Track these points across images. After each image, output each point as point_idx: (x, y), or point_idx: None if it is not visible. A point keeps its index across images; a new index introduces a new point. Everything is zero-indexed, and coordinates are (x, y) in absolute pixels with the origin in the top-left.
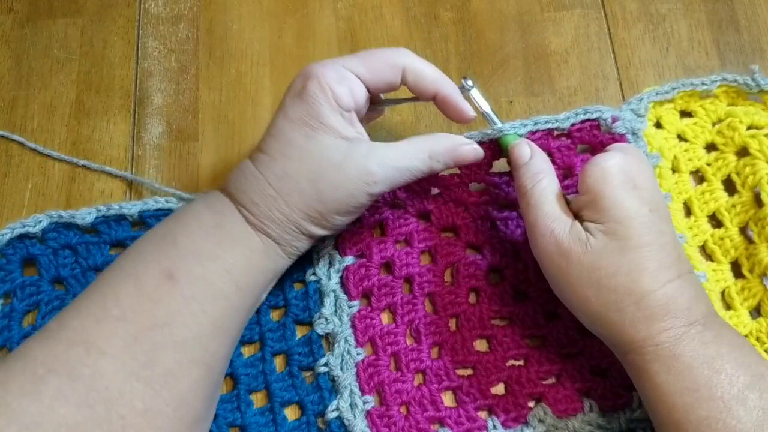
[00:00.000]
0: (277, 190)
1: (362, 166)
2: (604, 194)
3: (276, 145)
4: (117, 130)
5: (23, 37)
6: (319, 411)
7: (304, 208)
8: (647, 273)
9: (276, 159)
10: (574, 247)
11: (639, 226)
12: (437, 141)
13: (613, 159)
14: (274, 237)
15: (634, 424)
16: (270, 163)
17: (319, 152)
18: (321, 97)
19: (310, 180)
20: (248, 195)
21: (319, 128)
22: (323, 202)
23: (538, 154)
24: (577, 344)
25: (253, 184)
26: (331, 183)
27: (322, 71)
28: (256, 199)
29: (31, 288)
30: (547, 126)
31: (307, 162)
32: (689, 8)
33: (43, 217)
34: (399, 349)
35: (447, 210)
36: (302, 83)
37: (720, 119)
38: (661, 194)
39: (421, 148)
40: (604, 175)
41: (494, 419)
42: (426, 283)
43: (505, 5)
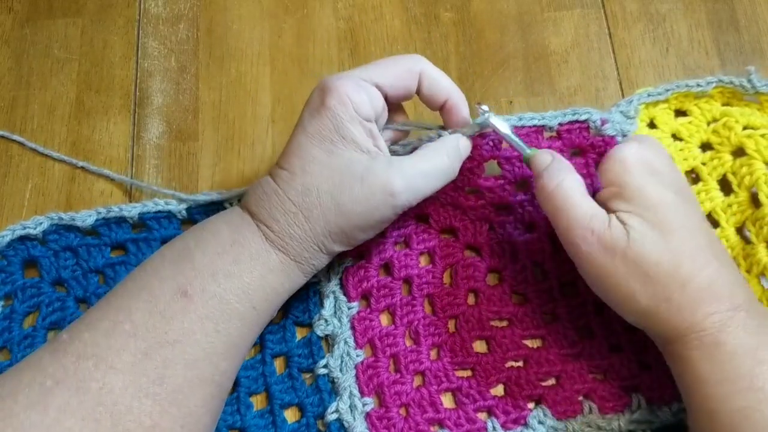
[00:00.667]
0: (297, 205)
1: (384, 177)
2: (628, 184)
3: (296, 161)
4: (117, 130)
5: (23, 37)
6: (319, 413)
7: (325, 224)
8: (686, 257)
9: (296, 174)
10: (618, 242)
11: (667, 210)
12: (446, 141)
13: (629, 149)
14: (292, 255)
15: (634, 425)
16: (291, 179)
17: (340, 167)
18: (340, 109)
19: (331, 195)
20: (268, 211)
21: (339, 142)
22: (346, 217)
23: (558, 159)
24: (576, 346)
25: (273, 200)
26: (353, 197)
27: (340, 83)
28: (277, 216)
29: (32, 290)
30: (533, 123)
31: (329, 177)
32: (689, 8)
33: (43, 218)
34: (398, 351)
35: (445, 212)
36: (320, 98)
37: (715, 119)
38: (683, 178)
39: (436, 149)
40: (624, 166)
41: (494, 421)
42: (425, 284)
43: (505, 5)
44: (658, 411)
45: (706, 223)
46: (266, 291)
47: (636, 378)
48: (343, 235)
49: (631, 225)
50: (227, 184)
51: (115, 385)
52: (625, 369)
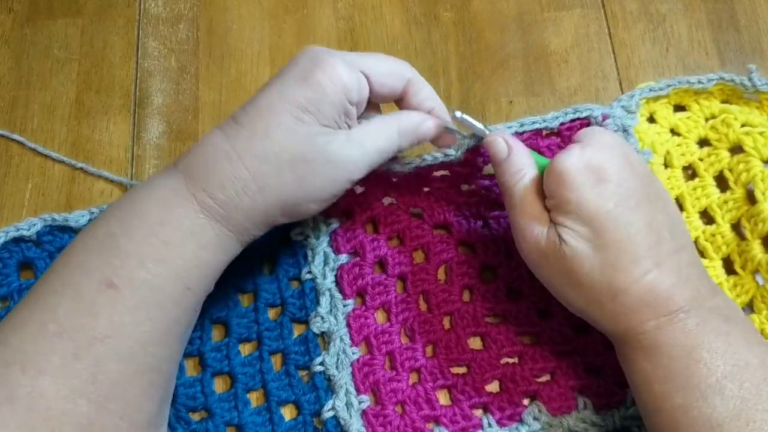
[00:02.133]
0: (252, 172)
1: (345, 152)
2: (564, 197)
3: (260, 123)
4: (117, 130)
5: (23, 37)
6: (316, 410)
7: (279, 196)
8: (620, 270)
9: (257, 137)
10: (550, 251)
11: (604, 224)
12: (404, 118)
13: (569, 159)
14: (232, 226)
15: (629, 421)
16: (249, 142)
17: (306, 138)
18: (329, 87)
19: (291, 164)
20: (214, 177)
21: (315, 114)
22: (304, 190)
23: (517, 150)
24: (571, 342)
25: (222, 165)
26: (314, 170)
27: (334, 60)
28: (224, 182)
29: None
30: (534, 126)
31: (291, 146)
32: (689, 8)
33: (36, 220)
34: (393, 348)
35: (439, 207)
36: (310, 67)
37: (713, 115)
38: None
39: (390, 126)
40: (562, 178)
41: (489, 417)
42: (419, 281)
43: (505, 5)
44: None
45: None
46: (200, 269)
47: None
48: (295, 208)
49: (565, 239)
50: None
51: (45, 390)
52: (619, 365)
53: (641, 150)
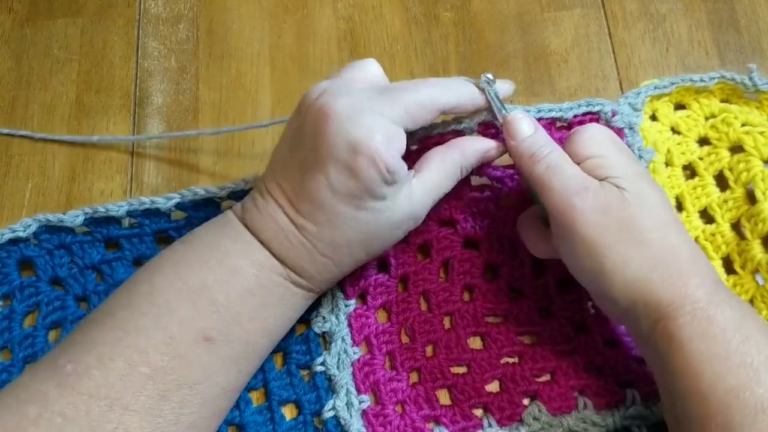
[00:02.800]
0: (328, 257)
1: (408, 213)
2: (607, 155)
3: (322, 216)
4: (117, 130)
5: (23, 37)
6: (316, 410)
7: (353, 265)
8: (671, 228)
9: (324, 229)
10: (613, 201)
11: (645, 183)
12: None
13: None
14: (317, 290)
15: (629, 421)
16: (318, 233)
17: (368, 219)
18: (376, 175)
19: (361, 243)
20: (296, 261)
21: (368, 200)
22: (372, 254)
23: (542, 128)
24: (571, 341)
25: (300, 251)
26: (381, 240)
27: (376, 146)
28: (305, 265)
29: (30, 289)
30: (551, 114)
31: (357, 229)
32: (689, 8)
33: (31, 221)
34: (394, 348)
35: (445, 203)
36: (350, 154)
37: (713, 114)
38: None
39: (453, 167)
40: (597, 140)
41: (489, 417)
42: (421, 281)
43: (505, 5)
44: (653, 407)
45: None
46: (287, 326)
47: (631, 374)
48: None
49: (624, 187)
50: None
51: (130, 426)
52: (620, 365)
53: (645, 148)
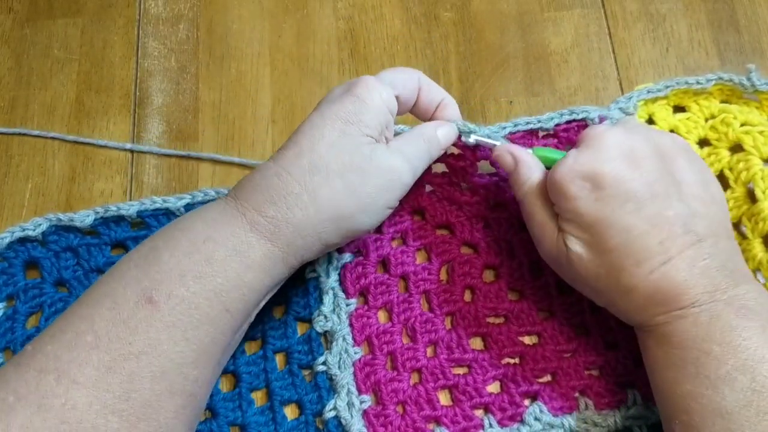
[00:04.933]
0: (303, 185)
1: (390, 159)
2: (562, 207)
3: (305, 140)
4: (117, 130)
5: (23, 37)
6: (317, 410)
7: (331, 205)
8: (624, 271)
9: (304, 152)
10: (561, 257)
11: (603, 230)
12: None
13: (563, 169)
14: (282, 243)
15: (630, 421)
16: (296, 158)
17: (350, 147)
18: (367, 95)
19: (340, 173)
20: (264, 194)
21: (355, 125)
22: (356, 198)
23: (522, 162)
24: (572, 342)
25: (272, 182)
26: (363, 178)
27: (367, 78)
28: (275, 198)
29: (34, 290)
30: (528, 127)
31: (338, 156)
32: (689, 8)
33: (42, 220)
34: (395, 348)
35: (441, 207)
36: (346, 87)
37: (713, 115)
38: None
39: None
40: (557, 188)
41: (490, 417)
42: (421, 281)
43: (505, 5)
44: (654, 407)
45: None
46: (242, 291)
47: (631, 374)
48: (349, 220)
49: (570, 246)
50: (227, 184)
51: (78, 402)
52: (620, 365)
53: None
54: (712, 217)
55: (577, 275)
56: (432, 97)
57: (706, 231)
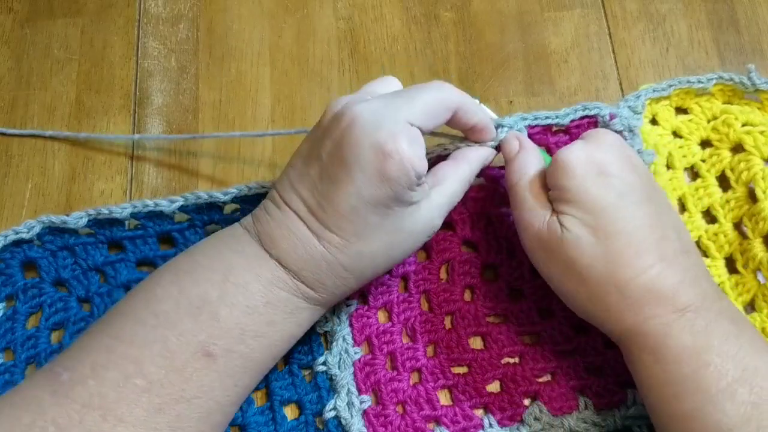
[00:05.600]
0: (350, 271)
1: (428, 222)
2: (566, 185)
3: (350, 227)
4: (117, 130)
5: (23, 37)
6: (317, 410)
7: (372, 277)
8: (623, 262)
9: (351, 242)
10: (552, 240)
11: (606, 214)
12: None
13: (572, 152)
14: (328, 304)
15: (630, 421)
16: (344, 247)
17: (394, 227)
18: (404, 179)
19: (385, 254)
20: (314, 275)
21: (397, 206)
22: (393, 259)
23: (525, 149)
24: (572, 341)
25: (321, 266)
26: (404, 248)
27: (400, 147)
28: (325, 280)
29: (33, 290)
30: (547, 122)
31: (383, 239)
32: (689, 8)
33: (35, 222)
34: (395, 348)
35: None
36: (379, 161)
37: (715, 116)
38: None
39: (465, 177)
40: (565, 167)
41: (490, 417)
42: (421, 281)
43: (505, 5)
44: None
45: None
46: (291, 342)
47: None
48: None
49: (567, 227)
50: (227, 185)
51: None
52: (620, 365)
53: (645, 150)
54: (689, 236)
55: (568, 262)
56: (466, 122)
57: (690, 245)
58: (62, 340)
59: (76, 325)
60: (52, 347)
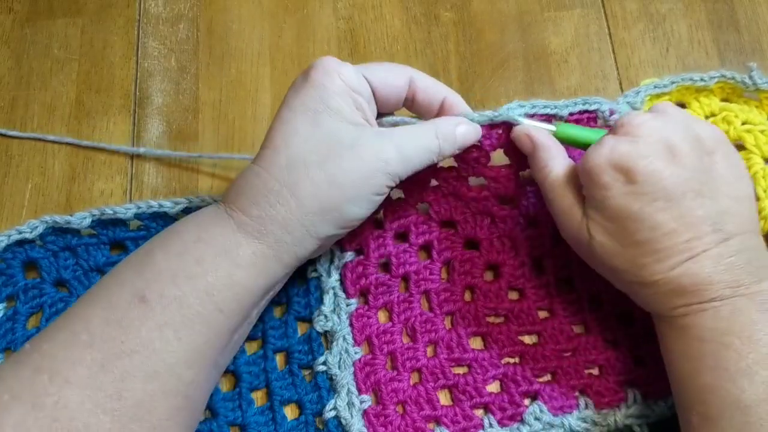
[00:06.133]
0: (281, 181)
1: (375, 145)
2: (591, 194)
3: (279, 137)
4: (117, 130)
5: (23, 37)
6: (317, 410)
7: (314, 199)
8: (646, 264)
9: (279, 149)
10: (583, 244)
11: (629, 224)
12: (442, 121)
13: (598, 156)
14: (270, 242)
15: (630, 420)
16: (273, 156)
17: (327, 136)
18: (326, 80)
19: (320, 166)
20: (247, 195)
21: (325, 112)
22: (339, 187)
23: (540, 146)
24: (572, 341)
25: (253, 182)
26: (344, 166)
27: (325, 59)
28: (258, 198)
29: (33, 291)
30: (545, 111)
31: (315, 147)
32: (689, 8)
33: (38, 222)
34: (395, 348)
35: (446, 203)
36: (305, 74)
37: (714, 113)
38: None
39: (428, 127)
40: (590, 175)
41: (490, 417)
42: (422, 280)
43: (505, 5)
44: (654, 405)
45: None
46: (234, 290)
47: (631, 373)
48: (336, 212)
49: (593, 234)
50: (227, 185)
51: (70, 400)
52: (620, 364)
53: None
54: (742, 213)
55: (598, 262)
56: (431, 95)
57: (735, 228)
58: None
59: None
60: None
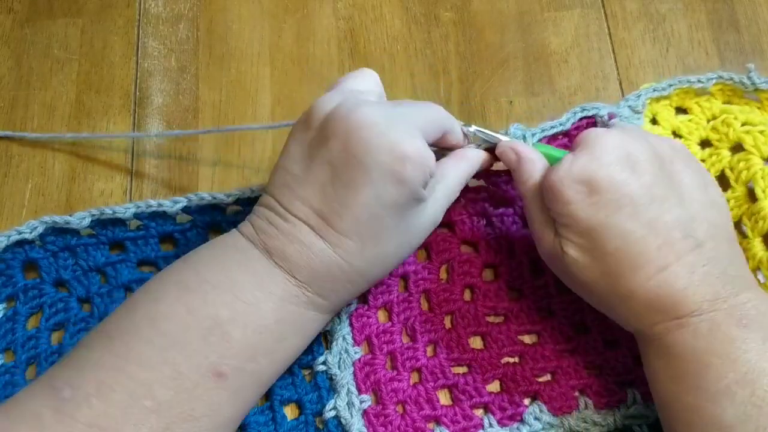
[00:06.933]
0: (365, 275)
1: (433, 218)
2: (556, 211)
3: (369, 232)
4: (117, 130)
5: (23, 37)
6: (317, 410)
7: (381, 278)
8: (621, 277)
9: (368, 246)
10: (557, 260)
11: (598, 235)
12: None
13: (557, 173)
14: (336, 309)
15: (630, 421)
16: (360, 251)
17: (406, 227)
18: (420, 178)
19: (396, 254)
20: (329, 285)
21: (412, 205)
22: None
23: (524, 159)
24: (572, 341)
25: (334, 274)
26: (412, 246)
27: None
28: (338, 287)
29: (33, 291)
30: (554, 131)
31: (397, 239)
32: (689, 8)
33: (37, 223)
34: (395, 348)
35: None
36: (397, 161)
37: (714, 116)
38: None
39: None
40: (552, 193)
41: (490, 417)
42: (421, 280)
43: (505, 5)
44: (654, 406)
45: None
46: (297, 355)
47: (631, 373)
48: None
49: (566, 251)
50: (227, 184)
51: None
52: (620, 364)
53: None
54: (712, 220)
55: (575, 279)
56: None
57: (706, 235)
58: (62, 341)
59: (77, 325)
60: (52, 348)
